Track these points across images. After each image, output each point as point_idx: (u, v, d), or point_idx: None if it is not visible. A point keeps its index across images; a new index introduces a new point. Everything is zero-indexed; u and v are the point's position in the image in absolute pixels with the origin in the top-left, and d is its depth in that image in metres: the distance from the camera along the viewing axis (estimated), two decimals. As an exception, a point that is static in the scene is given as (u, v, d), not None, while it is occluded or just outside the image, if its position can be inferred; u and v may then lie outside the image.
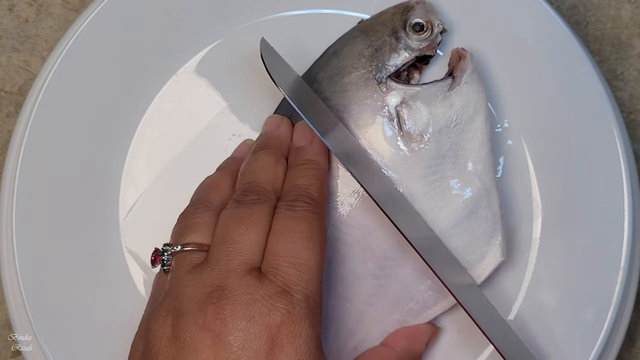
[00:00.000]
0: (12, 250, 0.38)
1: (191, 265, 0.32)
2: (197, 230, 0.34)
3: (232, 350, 0.29)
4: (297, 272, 0.31)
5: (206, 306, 0.30)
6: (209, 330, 0.29)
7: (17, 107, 0.45)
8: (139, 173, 0.40)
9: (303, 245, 0.32)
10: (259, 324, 0.29)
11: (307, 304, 0.31)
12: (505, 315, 0.38)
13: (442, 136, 0.37)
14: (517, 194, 0.39)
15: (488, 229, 0.37)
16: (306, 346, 0.30)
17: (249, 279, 0.31)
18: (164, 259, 0.34)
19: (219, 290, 0.30)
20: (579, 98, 0.39)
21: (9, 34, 0.46)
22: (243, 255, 0.31)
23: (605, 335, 0.37)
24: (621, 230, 0.38)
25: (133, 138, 0.40)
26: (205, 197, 0.35)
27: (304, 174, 0.35)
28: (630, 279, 0.39)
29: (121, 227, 0.40)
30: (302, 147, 0.37)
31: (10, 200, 0.38)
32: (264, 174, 0.35)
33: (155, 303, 0.32)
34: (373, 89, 0.38)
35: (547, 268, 0.38)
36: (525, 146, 0.40)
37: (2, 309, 0.43)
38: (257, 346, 0.29)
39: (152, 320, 0.31)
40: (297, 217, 0.33)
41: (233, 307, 0.30)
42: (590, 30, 0.46)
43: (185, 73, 0.41)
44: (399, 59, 0.38)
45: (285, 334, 0.30)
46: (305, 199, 0.34)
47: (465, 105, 0.37)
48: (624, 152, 0.38)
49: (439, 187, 0.37)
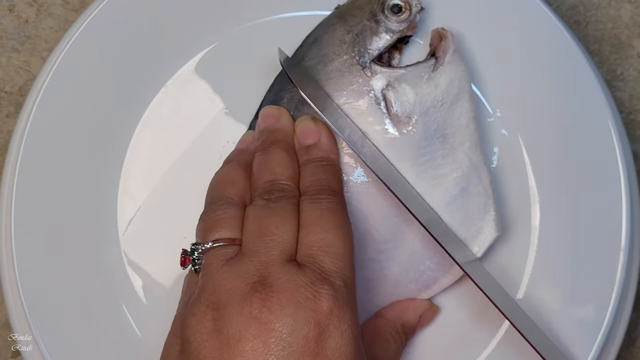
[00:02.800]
0: (11, 251, 0.38)
1: (225, 260, 0.32)
2: (225, 225, 0.34)
3: (281, 337, 0.29)
4: (333, 260, 0.31)
5: (250, 296, 0.30)
6: (254, 319, 0.29)
7: (17, 108, 0.45)
8: (139, 172, 0.40)
9: (334, 234, 0.32)
10: (306, 310, 0.29)
11: (347, 289, 0.31)
12: (501, 321, 0.38)
13: (429, 117, 0.38)
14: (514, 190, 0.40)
15: (481, 205, 0.38)
16: (350, 330, 0.30)
17: (290, 268, 0.31)
18: (194, 257, 0.33)
19: (262, 280, 0.30)
20: (578, 98, 0.39)
21: (9, 34, 0.46)
22: (281, 246, 0.32)
23: (604, 334, 0.37)
24: (619, 229, 0.38)
25: (132, 137, 0.40)
26: (223, 194, 0.36)
27: (322, 169, 0.36)
28: (629, 278, 0.39)
29: (119, 228, 0.40)
30: (312, 145, 0.37)
31: (9, 201, 0.38)
32: (283, 171, 0.35)
33: (190, 301, 0.32)
34: (358, 74, 0.38)
35: (545, 267, 0.39)
36: (524, 147, 0.40)
37: (2, 309, 0.43)
38: (306, 331, 0.29)
39: (188, 317, 0.31)
40: (323, 209, 0.33)
41: (279, 295, 0.30)
42: (590, 31, 0.46)
43: (183, 74, 0.41)
44: (380, 42, 0.38)
45: (332, 319, 0.30)
46: (328, 192, 0.34)
47: (449, 85, 0.38)
48: (622, 152, 0.38)
49: (429, 167, 0.38)
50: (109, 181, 0.40)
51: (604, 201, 0.38)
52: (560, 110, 0.39)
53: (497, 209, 0.38)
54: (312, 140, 0.37)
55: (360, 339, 0.31)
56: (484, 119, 0.40)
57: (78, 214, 0.39)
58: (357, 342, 0.30)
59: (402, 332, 0.37)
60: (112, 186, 0.40)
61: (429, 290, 0.38)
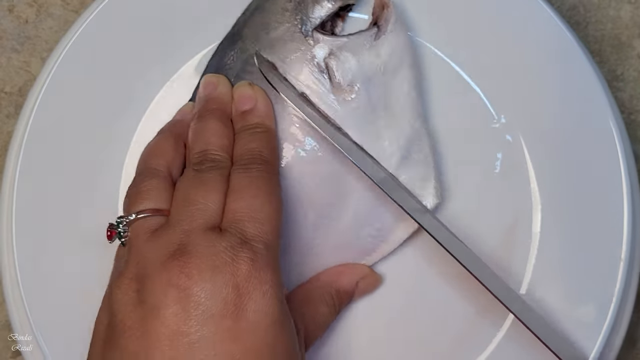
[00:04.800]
0: (12, 251, 0.38)
1: (150, 231, 0.32)
2: (149, 196, 0.34)
3: (199, 302, 0.29)
4: (256, 224, 0.32)
5: (170, 263, 0.30)
6: (173, 286, 0.29)
7: (17, 108, 0.45)
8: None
9: (261, 200, 0.33)
10: (224, 273, 0.30)
11: (267, 252, 0.31)
12: (505, 315, 0.38)
13: (372, 85, 0.38)
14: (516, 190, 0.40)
15: (422, 172, 0.38)
16: (272, 291, 0.30)
17: (210, 234, 0.31)
18: (119, 231, 0.34)
19: (182, 247, 0.30)
20: (579, 99, 0.39)
21: (9, 34, 0.46)
22: (206, 215, 0.32)
23: (605, 336, 0.37)
24: (620, 230, 0.38)
25: (133, 137, 0.40)
26: (149, 165, 0.36)
27: (255, 137, 0.36)
28: (630, 279, 0.39)
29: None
30: (248, 111, 0.37)
31: (10, 202, 0.38)
32: (216, 140, 0.35)
33: (116, 274, 0.32)
34: (300, 42, 0.38)
35: (546, 268, 0.39)
36: (525, 147, 0.40)
37: (2, 309, 0.43)
38: (224, 294, 0.29)
39: (114, 290, 0.31)
40: (253, 177, 0.34)
41: (197, 260, 0.30)
42: (590, 31, 0.46)
43: (183, 74, 0.41)
44: (322, 11, 0.38)
45: (251, 281, 0.30)
46: (259, 160, 0.35)
47: (391, 54, 0.38)
48: (624, 153, 0.38)
49: (373, 135, 0.38)
50: (109, 181, 0.40)
51: (605, 202, 0.38)
52: (561, 111, 0.39)
53: (437, 176, 0.38)
54: (248, 105, 0.37)
55: (284, 300, 0.31)
56: (488, 124, 0.40)
57: (79, 214, 0.39)
58: (280, 302, 0.31)
59: (335, 297, 0.37)
60: (112, 186, 0.40)
61: (369, 257, 0.38)
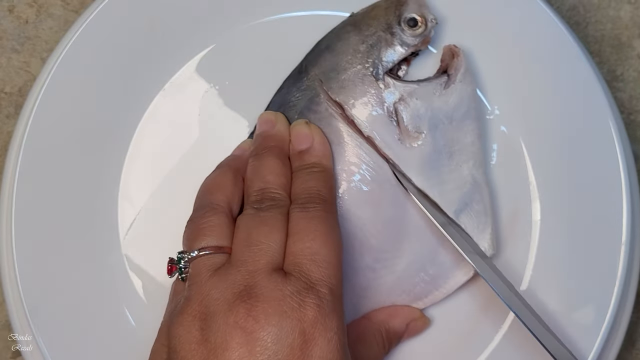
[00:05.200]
0: (12, 252, 0.38)
1: (212, 269, 0.32)
2: (211, 233, 0.34)
3: (266, 346, 0.29)
4: (319, 268, 0.32)
5: (236, 305, 0.30)
6: (240, 328, 0.29)
7: (17, 109, 0.45)
8: (140, 173, 0.40)
9: (321, 242, 0.32)
10: (291, 319, 0.30)
11: (332, 297, 0.31)
12: (504, 314, 0.38)
13: (438, 132, 0.38)
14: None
15: (481, 222, 0.38)
16: (337, 338, 0.30)
17: (276, 277, 0.31)
18: (181, 266, 0.34)
19: (248, 289, 0.30)
20: (579, 99, 0.39)
21: (9, 35, 0.46)
22: (269, 256, 0.32)
23: (604, 335, 0.37)
24: (619, 230, 0.38)
25: (133, 138, 0.40)
26: (210, 200, 0.36)
27: (312, 176, 0.36)
28: (629, 279, 0.39)
29: (120, 229, 0.40)
30: (305, 150, 0.37)
31: (10, 203, 0.38)
32: (274, 178, 0.36)
33: (177, 309, 0.32)
34: (371, 86, 0.38)
35: (545, 268, 0.39)
36: (525, 149, 0.40)
37: (2, 310, 0.43)
38: (290, 340, 0.29)
39: (176, 326, 0.31)
40: (311, 217, 0.33)
41: (264, 304, 0.30)
42: (590, 31, 0.46)
43: (183, 75, 0.41)
44: (395, 55, 0.39)
45: (317, 327, 0.30)
46: (317, 200, 0.35)
47: (459, 103, 0.38)
48: (623, 153, 0.38)
49: (436, 182, 0.38)
50: (109, 182, 0.40)
51: (604, 201, 0.38)
52: (561, 111, 0.39)
53: (495, 228, 0.38)
54: (305, 145, 0.37)
55: (346, 346, 0.31)
56: (482, 117, 0.40)
57: (78, 215, 0.39)
58: (343, 349, 0.31)
59: (386, 338, 0.37)
60: (112, 187, 0.40)
61: (420, 302, 0.39)
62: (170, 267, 0.34)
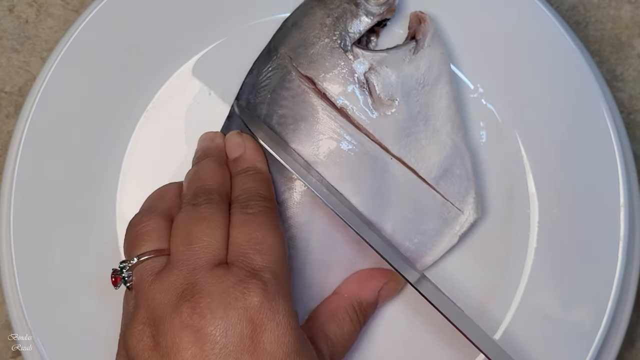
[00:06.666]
0: (11, 251, 0.38)
1: (154, 273, 0.32)
2: (149, 237, 0.34)
3: (215, 340, 0.29)
4: (263, 255, 0.32)
5: (180, 305, 0.30)
6: (187, 327, 0.29)
7: (17, 108, 0.45)
8: (139, 170, 0.40)
9: (265, 233, 0.33)
10: (236, 308, 0.30)
11: (277, 281, 0.31)
12: (502, 316, 0.38)
13: (411, 99, 0.38)
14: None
15: (462, 186, 0.38)
16: (286, 320, 0.30)
17: (218, 270, 0.31)
18: (124, 276, 0.33)
19: (190, 287, 0.30)
20: (578, 99, 0.39)
21: (9, 34, 0.46)
22: (209, 252, 0.32)
23: (602, 334, 0.37)
24: (618, 229, 0.38)
25: (132, 137, 0.40)
26: (147, 206, 0.36)
27: (249, 178, 0.36)
28: (628, 278, 0.39)
29: (118, 228, 0.40)
30: (239, 157, 0.38)
31: (9, 202, 0.38)
32: (211, 177, 0.36)
33: (127, 320, 0.32)
34: (340, 58, 0.38)
35: (544, 266, 0.39)
36: (524, 150, 0.40)
37: (2, 310, 0.43)
38: (239, 330, 0.29)
39: (128, 337, 0.31)
40: (253, 213, 0.34)
41: (207, 299, 0.30)
42: (590, 31, 0.46)
43: (182, 74, 0.41)
44: (361, 25, 0.39)
45: (264, 312, 0.30)
46: (257, 198, 0.35)
47: (430, 67, 0.38)
48: (622, 153, 0.38)
49: (413, 148, 0.38)
50: (108, 181, 0.40)
51: (603, 201, 0.38)
52: (560, 111, 0.39)
53: (478, 190, 0.38)
54: (237, 152, 0.38)
55: (299, 327, 0.31)
56: (489, 124, 0.40)
57: (78, 214, 0.39)
58: (295, 330, 0.31)
59: (359, 311, 0.37)
60: (111, 185, 0.40)
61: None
62: (114, 278, 0.34)
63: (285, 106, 0.38)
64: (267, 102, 0.39)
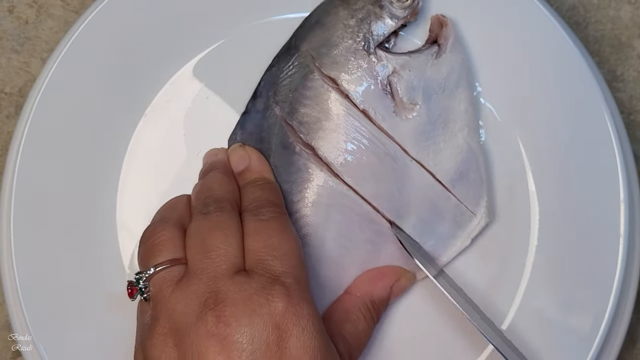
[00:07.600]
0: (11, 251, 0.38)
1: (174, 283, 0.32)
2: (164, 247, 0.34)
3: (242, 348, 0.29)
4: (281, 261, 0.32)
5: (205, 314, 0.30)
6: (213, 336, 0.29)
7: (17, 109, 0.45)
8: (139, 171, 0.40)
9: (280, 239, 0.33)
10: (261, 315, 0.30)
11: (299, 285, 0.31)
12: (503, 316, 0.38)
13: (432, 103, 0.38)
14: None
15: (476, 190, 0.39)
16: (311, 324, 0.30)
17: (239, 278, 0.31)
18: (140, 287, 0.33)
19: (213, 296, 0.30)
20: (578, 99, 0.39)
21: (9, 35, 0.46)
22: (229, 260, 0.32)
23: (603, 335, 0.37)
24: (618, 230, 0.38)
25: (132, 138, 0.40)
26: (159, 217, 0.36)
27: (257, 188, 0.36)
28: (628, 279, 0.39)
29: (119, 228, 0.40)
30: (245, 170, 0.38)
31: (9, 202, 0.38)
32: (219, 187, 0.36)
33: (146, 331, 0.32)
34: (363, 60, 0.39)
35: (544, 267, 0.39)
36: (524, 150, 0.40)
37: (2, 310, 0.43)
38: (265, 336, 0.29)
39: (149, 349, 0.31)
40: (266, 219, 0.34)
41: (232, 307, 0.30)
42: (590, 31, 0.46)
43: (183, 75, 0.41)
44: (385, 28, 0.39)
45: (289, 317, 0.30)
46: (268, 205, 0.35)
47: (450, 72, 0.38)
48: (622, 153, 0.38)
49: (432, 151, 0.38)
50: (109, 182, 0.40)
51: (603, 201, 0.38)
52: (560, 111, 0.39)
53: (490, 195, 0.39)
54: (243, 165, 0.38)
55: (324, 331, 0.31)
56: (489, 125, 0.40)
57: (78, 214, 0.39)
58: (320, 334, 0.31)
59: (372, 309, 0.37)
60: (112, 185, 0.40)
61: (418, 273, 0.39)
62: (130, 290, 0.34)
63: (308, 105, 0.39)
64: (289, 100, 0.39)
